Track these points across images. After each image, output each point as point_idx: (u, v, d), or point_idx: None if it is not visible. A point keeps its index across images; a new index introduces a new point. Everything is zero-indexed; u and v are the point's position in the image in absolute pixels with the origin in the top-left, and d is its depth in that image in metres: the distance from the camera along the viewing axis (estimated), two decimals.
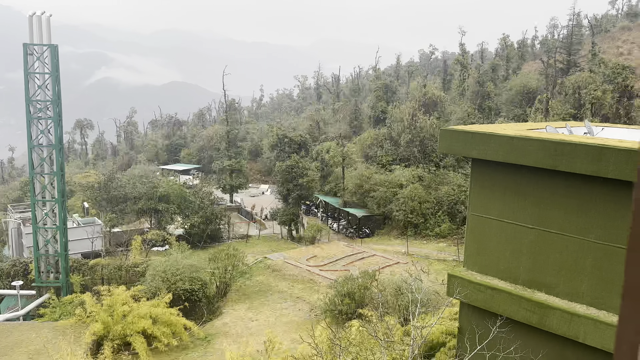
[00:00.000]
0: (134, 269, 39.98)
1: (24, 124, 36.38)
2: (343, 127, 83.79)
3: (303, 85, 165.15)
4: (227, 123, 75.67)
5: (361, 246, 47.53)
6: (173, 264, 33.34)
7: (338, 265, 40.95)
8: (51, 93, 35.59)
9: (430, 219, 51.95)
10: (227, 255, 35.66)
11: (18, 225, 48.15)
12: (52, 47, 35.53)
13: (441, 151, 14.54)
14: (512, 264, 12.88)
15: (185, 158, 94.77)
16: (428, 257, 43.18)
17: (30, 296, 37.75)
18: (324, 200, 62.81)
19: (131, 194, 53.76)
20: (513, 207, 12.59)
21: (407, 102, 72.65)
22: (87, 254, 44.55)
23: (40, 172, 36.54)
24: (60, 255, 37.04)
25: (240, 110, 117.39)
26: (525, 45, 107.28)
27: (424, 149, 63.96)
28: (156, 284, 31.99)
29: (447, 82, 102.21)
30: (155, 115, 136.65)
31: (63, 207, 37.18)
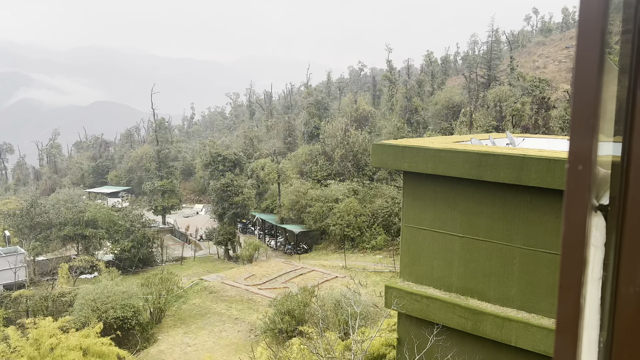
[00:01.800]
0: (61, 298, 37.87)
1: None
2: (277, 143, 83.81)
3: (235, 103, 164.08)
4: (157, 142, 73.79)
5: (300, 262, 47.44)
6: (103, 292, 31.93)
7: (277, 282, 40.64)
8: None
9: (366, 231, 52.71)
10: (161, 280, 34.55)
11: None
12: None
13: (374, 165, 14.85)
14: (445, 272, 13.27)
15: (114, 180, 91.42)
16: (365, 270, 43.68)
17: None
18: (260, 218, 62.33)
19: (56, 220, 51.10)
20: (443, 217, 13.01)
21: (339, 118, 73.80)
22: (9, 285, 41.81)
23: None
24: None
25: (170, 129, 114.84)
26: (449, 61, 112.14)
27: (357, 163, 65.03)
28: (85, 313, 30.46)
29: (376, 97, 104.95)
30: (80, 136, 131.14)
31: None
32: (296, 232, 55.63)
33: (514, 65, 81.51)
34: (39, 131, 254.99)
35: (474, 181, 11.92)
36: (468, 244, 12.43)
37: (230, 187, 53.31)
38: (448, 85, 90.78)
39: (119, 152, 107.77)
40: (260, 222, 63.23)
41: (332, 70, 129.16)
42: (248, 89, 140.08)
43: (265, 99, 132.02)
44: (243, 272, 44.31)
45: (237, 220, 57.03)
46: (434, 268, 13.38)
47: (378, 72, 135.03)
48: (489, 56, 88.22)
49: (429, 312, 13.03)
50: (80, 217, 51.10)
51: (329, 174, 66.31)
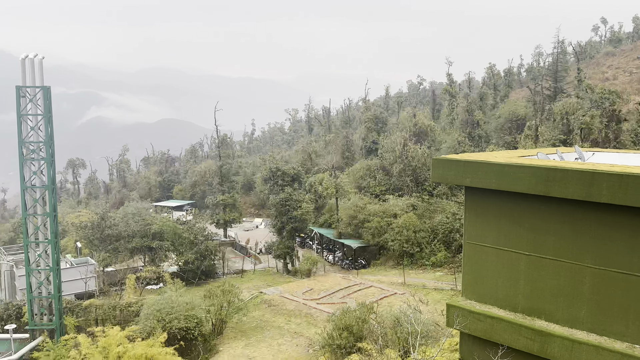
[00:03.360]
0: (128, 308, 39.42)
1: (11, 164, 36.48)
2: (335, 158, 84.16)
3: (294, 118, 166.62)
4: (220, 158, 75.88)
5: (358, 278, 47.20)
6: (168, 303, 32.94)
7: (335, 298, 40.57)
8: (44, 134, 35.71)
9: (425, 248, 51.82)
10: (223, 292, 35.29)
11: (11, 267, 47.52)
12: (44, 89, 35.82)
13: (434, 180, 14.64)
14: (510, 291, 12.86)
15: (179, 194, 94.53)
16: (425, 287, 42.90)
17: (23, 339, 37.00)
18: (318, 232, 62.61)
19: (124, 232, 53.38)
20: (508, 234, 12.65)
21: (397, 132, 73.34)
22: (80, 295, 43.94)
23: (33, 213, 36.34)
24: (53, 296, 36.51)
25: (232, 145, 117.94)
26: (512, 73, 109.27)
27: (416, 178, 64.27)
28: (151, 323, 31.51)
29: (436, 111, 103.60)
30: (148, 152, 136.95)
31: (56, 248, 36.85)
32: (354, 247, 55.47)
33: (582, 76, 78.44)
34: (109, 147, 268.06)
35: (540, 197, 11.54)
36: (534, 263, 12.02)
37: (289, 202, 53.95)
38: (512, 98, 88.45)
39: (184, 167, 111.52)
40: (318, 236, 63.51)
41: (390, 85, 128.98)
42: (307, 104, 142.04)
43: (323, 114, 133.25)
44: (301, 286, 44.55)
45: (296, 235, 57.54)
46: (498, 287, 13.00)
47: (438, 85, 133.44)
48: (554, 68, 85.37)
49: (493, 333, 12.65)
50: (147, 229, 53.14)
51: (387, 188, 65.84)
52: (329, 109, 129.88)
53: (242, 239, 67.93)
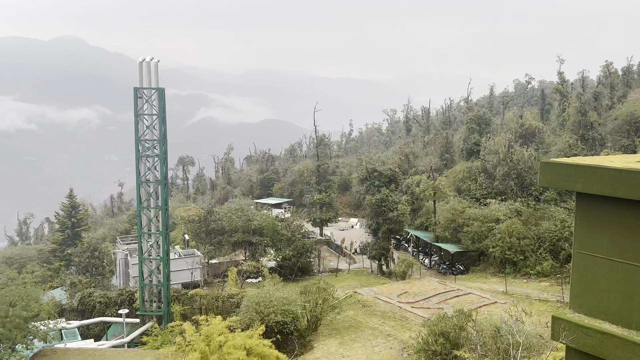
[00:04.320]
0: (229, 299, 41.27)
1: (128, 161, 39.59)
2: (434, 160, 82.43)
3: (392, 119, 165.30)
4: (318, 158, 77.14)
5: (455, 283, 45.86)
6: (266, 296, 33.98)
7: (431, 302, 39.72)
8: (158, 133, 38.34)
9: (530, 256, 49.21)
10: (318, 289, 35.81)
11: (125, 256, 51.58)
12: (159, 90, 38.45)
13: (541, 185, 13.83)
14: (624, 306, 11.87)
15: (278, 192, 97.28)
16: (529, 297, 40.75)
17: (134, 324, 40.04)
18: (414, 235, 61.63)
19: (228, 227, 55.92)
20: (624, 244, 11.68)
21: (502, 134, 70.29)
22: (186, 284, 46.67)
23: (146, 206, 39.15)
24: (162, 285, 39.10)
25: (329, 145, 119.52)
26: (631, 72, 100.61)
27: (521, 182, 61.21)
28: (250, 315, 32.70)
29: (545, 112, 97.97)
30: (250, 151, 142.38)
31: (166, 239, 39.43)
32: (452, 252, 53.95)
33: None
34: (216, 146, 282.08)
35: None
36: None
37: (385, 203, 53.62)
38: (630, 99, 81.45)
39: (283, 166, 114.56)
40: (415, 239, 62.50)
41: (495, 84, 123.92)
42: (405, 105, 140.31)
43: (422, 115, 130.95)
44: (396, 288, 44.11)
45: (391, 236, 57.05)
46: (610, 300, 12.05)
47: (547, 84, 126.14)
48: None
49: (603, 349, 11.75)
50: (248, 225, 55.33)
51: (489, 192, 63.32)
52: (428, 110, 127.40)
53: (337, 238, 68.57)
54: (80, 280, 48.62)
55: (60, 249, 68.56)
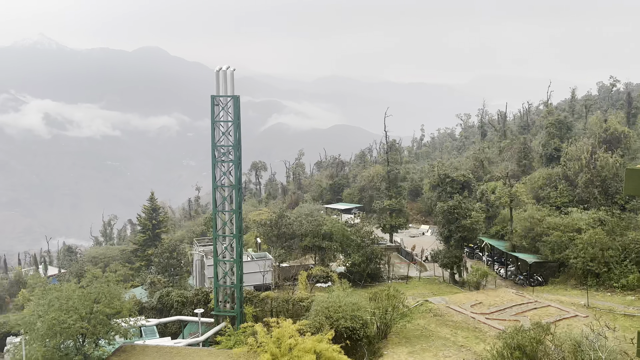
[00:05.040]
0: (299, 303, 41.73)
1: (205, 166, 41.03)
2: (510, 166, 79.57)
3: (466, 124, 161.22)
4: (388, 163, 76.56)
5: (532, 295, 43.92)
6: (335, 301, 34.05)
7: (506, 314, 38.25)
8: (233, 139, 39.54)
9: (615, 268, 46.29)
10: (388, 296, 35.45)
11: (201, 257, 53.43)
12: (235, 97, 39.67)
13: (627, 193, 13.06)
14: None
15: (347, 197, 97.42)
16: (612, 312, 38.32)
17: (209, 324, 41.37)
18: (489, 244, 59.63)
19: (298, 231, 56.61)
20: None
21: (584, 139, 66.71)
22: (258, 287, 47.68)
23: (221, 209, 40.43)
24: (236, 286, 40.17)
25: (400, 151, 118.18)
26: None
27: (605, 190, 57.78)
28: (320, 319, 32.87)
29: (631, 116, 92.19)
30: (321, 156, 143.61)
31: (240, 242, 40.50)
32: (529, 262, 51.71)
33: None
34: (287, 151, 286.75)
35: None
36: None
37: (457, 210, 52.27)
38: None
39: (353, 172, 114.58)
40: (489, 247, 60.46)
41: (576, 87, 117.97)
42: (480, 109, 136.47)
43: (498, 119, 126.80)
44: (470, 298, 42.84)
45: (464, 244, 55.53)
46: None
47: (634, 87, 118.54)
48: None
49: None
50: (318, 230, 55.75)
51: (571, 200, 60.24)
52: (504, 114, 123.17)
53: (407, 245, 67.60)
54: (160, 280, 50.86)
55: (141, 249, 72.13)
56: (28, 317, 30.08)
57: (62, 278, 66.18)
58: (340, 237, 55.35)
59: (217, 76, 39.85)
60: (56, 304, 29.48)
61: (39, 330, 28.82)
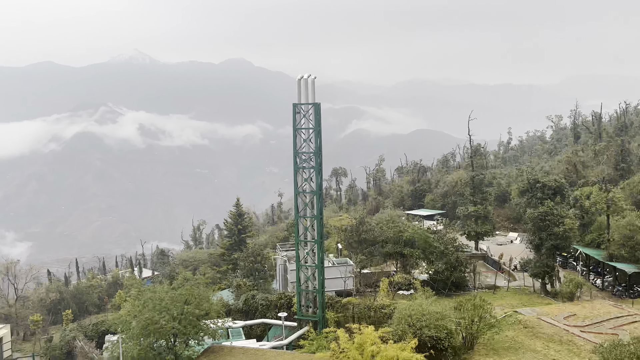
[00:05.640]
0: (381, 310, 41.39)
1: (287, 172, 41.86)
2: (607, 170, 74.61)
3: (557, 126, 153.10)
4: (472, 168, 74.27)
5: (632, 307, 40.80)
6: (418, 309, 33.42)
7: (603, 327, 35.82)
8: (314, 145, 40.08)
9: None
10: (474, 306, 34.29)
11: (284, 262, 54.48)
12: (315, 105, 40.23)
13: None
14: None
15: (429, 203, 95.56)
16: None
17: (292, 327, 42.03)
18: (584, 252, 56.13)
19: (379, 238, 56.24)
20: None
21: None
22: (340, 292, 47.84)
23: (303, 215, 41.04)
24: (318, 291, 40.55)
25: (485, 155, 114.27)
26: None
27: None
28: (402, 327, 32.41)
29: None
30: (401, 162, 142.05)
31: (321, 247, 40.88)
32: (629, 272, 48.10)
33: None
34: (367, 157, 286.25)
35: None
36: None
37: (549, 217, 49.66)
38: None
39: (435, 177, 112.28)
40: (584, 256, 56.90)
41: None
42: (573, 110, 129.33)
43: (593, 120, 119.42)
44: (563, 310, 40.52)
45: (557, 253, 52.64)
46: None
47: None
48: None
49: None
50: (399, 236, 55.09)
51: None
52: (599, 115, 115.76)
53: (494, 254, 65.11)
54: (245, 283, 52.38)
55: (227, 253, 74.66)
56: (124, 317, 32.03)
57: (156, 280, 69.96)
58: (422, 244, 54.37)
59: (299, 85, 40.60)
60: (150, 304, 31.16)
61: (134, 329, 30.59)
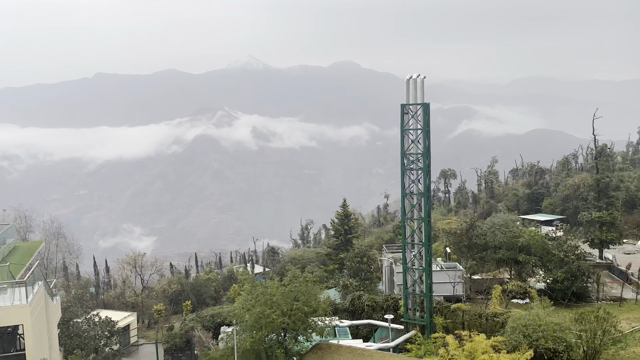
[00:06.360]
0: (493, 318, 39.69)
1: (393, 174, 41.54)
2: None
3: None
4: (597, 170, 68.76)
5: None
6: (534, 320, 31.73)
7: None
8: (422, 146, 39.38)
9: None
10: (597, 318, 31.77)
11: (390, 264, 54.09)
12: (424, 105, 39.51)
13: None
14: None
15: (548, 208, 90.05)
16: None
17: (399, 330, 41.61)
18: None
19: (491, 243, 53.92)
20: None
21: None
22: (448, 298, 46.56)
23: (410, 217, 40.48)
24: (425, 295, 39.78)
25: (612, 156, 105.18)
26: None
27: None
28: (517, 337, 30.94)
29: None
30: (516, 164, 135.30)
31: (429, 250, 40.05)
32: None
33: None
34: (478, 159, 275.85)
35: None
36: None
37: None
38: None
39: (555, 180, 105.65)
40: None
41: None
42: None
43: None
44: None
45: None
46: None
47: None
48: None
49: None
50: (514, 242, 52.41)
51: None
52: None
53: (621, 263, 59.69)
54: (351, 283, 52.76)
55: (334, 253, 75.69)
56: (238, 310, 33.60)
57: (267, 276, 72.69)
58: (539, 251, 51.32)
59: (407, 85, 40.11)
60: (262, 299, 32.45)
61: (247, 322, 32.00)
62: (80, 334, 41.45)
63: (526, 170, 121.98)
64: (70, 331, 41.20)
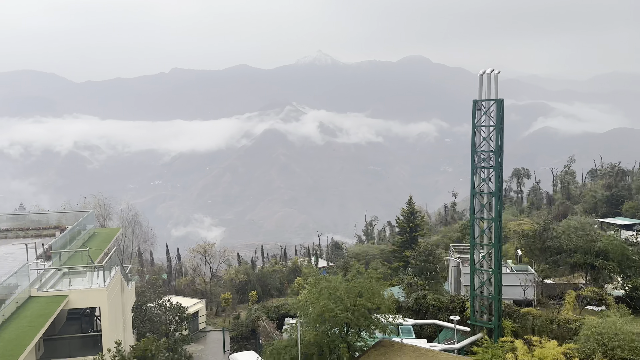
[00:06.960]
0: (566, 324, 37.94)
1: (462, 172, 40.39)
2: None
3: None
4: None
5: None
6: (611, 328, 30.08)
7: None
8: (494, 144, 38.09)
9: None
10: None
11: (457, 264, 52.84)
12: (498, 101, 38.18)
13: None
14: None
15: (628, 211, 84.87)
16: None
17: (464, 332, 40.62)
18: None
19: (566, 246, 51.47)
20: None
21: None
22: (518, 301, 44.94)
23: (479, 217, 39.30)
24: (493, 298, 38.57)
25: None
26: None
27: None
28: (591, 345, 29.48)
29: None
30: (596, 164, 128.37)
31: (499, 252, 38.75)
32: None
33: None
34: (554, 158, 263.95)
35: None
36: None
37: None
38: None
39: (637, 182, 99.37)
40: None
41: None
42: None
43: None
44: None
45: None
46: None
47: None
48: None
49: None
50: (590, 246, 49.78)
51: None
52: None
53: None
54: (416, 282, 52.02)
55: (399, 250, 74.91)
56: (302, 302, 33.96)
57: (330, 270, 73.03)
58: (618, 257, 48.47)
59: (480, 80, 38.90)
60: (325, 293, 32.62)
61: (311, 315, 32.29)
62: (153, 318, 43.33)
63: (606, 172, 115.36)
64: (143, 315, 43.16)
